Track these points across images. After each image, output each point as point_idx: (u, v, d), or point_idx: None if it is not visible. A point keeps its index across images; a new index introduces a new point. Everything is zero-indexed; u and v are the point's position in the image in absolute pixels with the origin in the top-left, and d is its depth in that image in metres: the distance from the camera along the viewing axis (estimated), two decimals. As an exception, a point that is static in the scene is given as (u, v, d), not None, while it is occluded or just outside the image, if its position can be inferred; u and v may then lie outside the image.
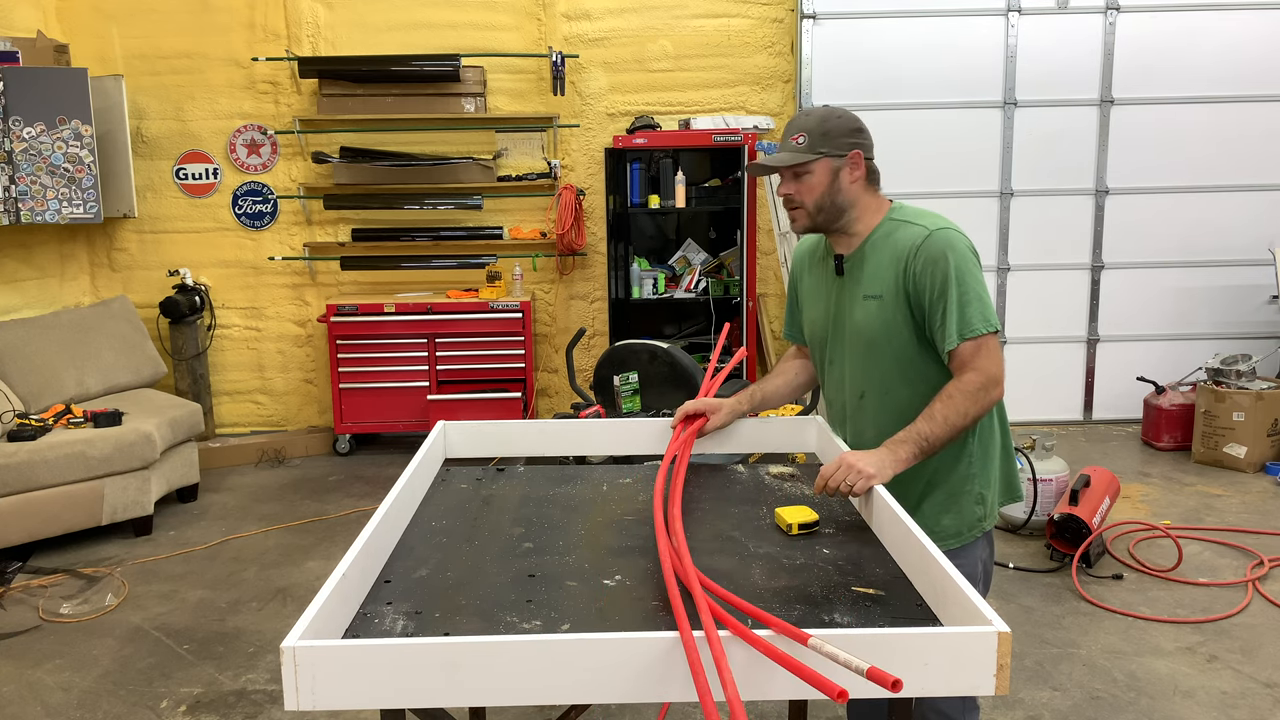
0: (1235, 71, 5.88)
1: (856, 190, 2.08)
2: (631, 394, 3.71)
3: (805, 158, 2.03)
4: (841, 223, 2.10)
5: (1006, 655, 1.32)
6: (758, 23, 5.99)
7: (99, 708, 3.10)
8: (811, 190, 2.06)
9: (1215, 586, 3.83)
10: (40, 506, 4.33)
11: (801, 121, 2.07)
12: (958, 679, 1.34)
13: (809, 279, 2.27)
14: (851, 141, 2.06)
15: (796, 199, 2.08)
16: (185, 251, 6.13)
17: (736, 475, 2.27)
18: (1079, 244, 6.09)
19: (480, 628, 1.53)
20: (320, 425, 6.27)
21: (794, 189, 2.07)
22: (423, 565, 1.78)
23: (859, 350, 2.10)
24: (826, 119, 2.06)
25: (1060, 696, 3.05)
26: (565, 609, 1.59)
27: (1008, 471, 2.16)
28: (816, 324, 2.22)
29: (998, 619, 1.36)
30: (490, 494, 2.19)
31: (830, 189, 2.06)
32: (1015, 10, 5.84)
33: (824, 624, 1.52)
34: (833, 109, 2.11)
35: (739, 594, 1.62)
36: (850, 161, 2.06)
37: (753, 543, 1.85)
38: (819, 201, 2.07)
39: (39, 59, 5.20)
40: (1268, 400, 5.19)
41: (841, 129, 2.06)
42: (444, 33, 5.96)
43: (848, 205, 2.08)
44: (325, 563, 4.26)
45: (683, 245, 6.13)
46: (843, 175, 2.06)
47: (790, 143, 2.07)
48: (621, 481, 2.26)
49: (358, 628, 1.53)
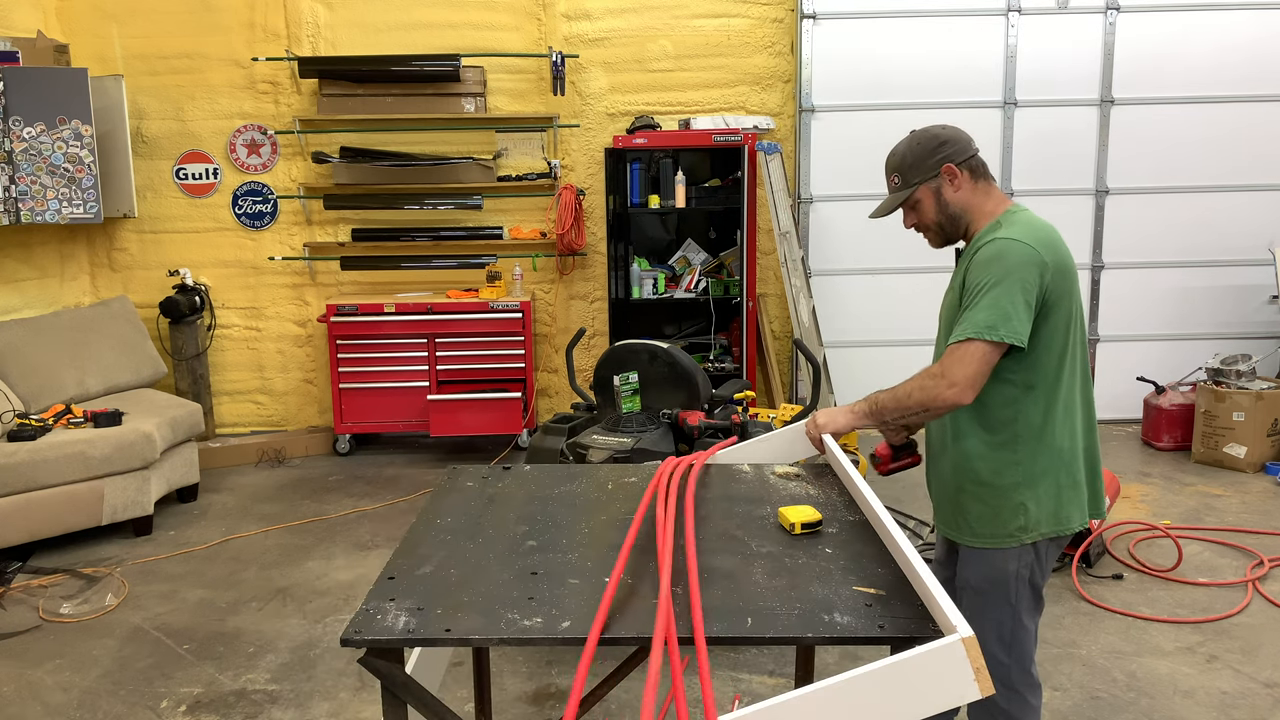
0: (1235, 71, 5.88)
1: (964, 196, 2.20)
2: (631, 394, 3.70)
3: (904, 195, 2.22)
4: (963, 227, 2.23)
5: (979, 659, 1.32)
6: (758, 23, 5.99)
7: (99, 708, 3.10)
8: (926, 214, 2.22)
9: (1215, 586, 3.83)
10: (40, 506, 4.33)
11: (891, 162, 2.26)
12: (942, 694, 1.33)
13: None
14: (937, 160, 2.18)
15: (921, 225, 2.26)
16: (185, 251, 6.13)
17: (742, 475, 2.28)
18: (1079, 244, 6.09)
19: (481, 624, 1.53)
20: (320, 425, 6.27)
21: (913, 219, 2.26)
22: (427, 562, 1.79)
23: (940, 338, 2.26)
24: (907, 153, 2.22)
25: (1060, 696, 3.05)
26: (566, 606, 1.60)
27: (1059, 499, 2.13)
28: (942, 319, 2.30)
29: (963, 624, 1.35)
30: (495, 492, 2.19)
31: (939, 207, 2.21)
32: (1015, 10, 5.84)
33: (823, 623, 1.52)
34: (914, 136, 2.24)
35: (739, 594, 1.62)
36: (946, 176, 2.18)
37: (755, 541, 1.86)
38: (937, 220, 2.22)
39: (39, 59, 5.20)
40: (1268, 400, 5.19)
41: (923, 153, 2.20)
42: (444, 33, 5.96)
43: (961, 213, 2.21)
44: (325, 563, 4.26)
45: (683, 245, 6.13)
46: (944, 191, 2.20)
47: (891, 184, 2.25)
48: (626, 480, 2.27)
49: (360, 624, 1.54)
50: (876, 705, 1.32)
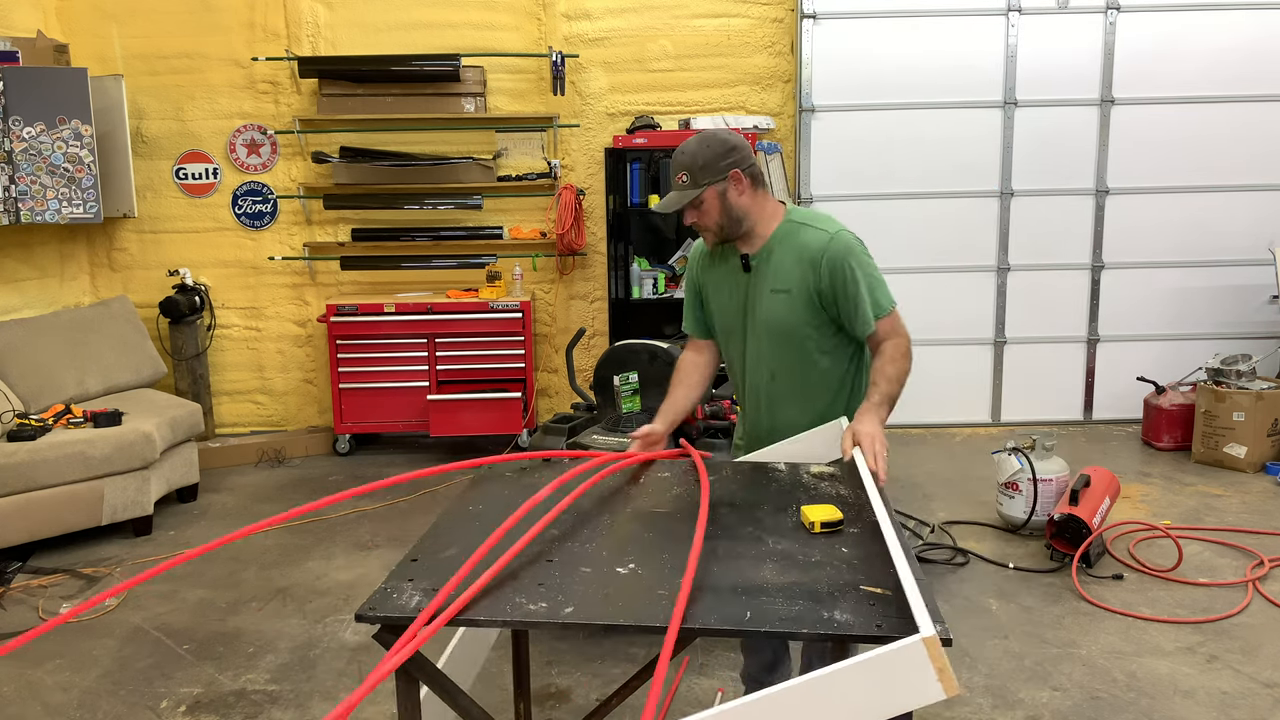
0: (1235, 71, 5.88)
1: (746, 202, 2.40)
2: (631, 394, 3.71)
3: (692, 195, 2.36)
4: (743, 230, 2.43)
5: (941, 658, 1.32)
6: (758, 23, 5.99)
7: (99, 708, 3.10)
8: (709, 214, 2.40)
9: (1215, 586, 3.83)
10: (40, 506, 4.33)
11: (681, 161, 2.38)
12: (906, 695, 1.33)
13: (712, 276, 2.58)
14: (727, 164, 2.36)
15: (701, 224, 2.42)
16: (185, 251, 6.13)
17: (775, 473, 2.29)
18: (1079, 244, 6.09)
19: (488, 606, 1.60)
20: (320, 425, 6.27)
21: (695, 217, 2.42)
22: (451, 546, 1.86)
23: (769, 337, 2.46)
24: (698, 153, 2.36)
25: (1060, 696, 3.05)
26: (572, 593, 1.64)
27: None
28: (727, 315, 2.55)
29: (927, 624, 1.35)
30: (532, 483, 2.24)
31: (723, 209, 2.39)
32: (1015, 10, 5.84)
33: (821, 620, 1.53)
34: (704, 138, 2.39)
35: (744, 588, 1.64)
36: (732, 181, 2.37)
37: (773, 539, 1.88)
38: (719, 221, 2.40)
39: (39, 59, 5.20)
40: (1268, 400, 5.19)
41: (712, 156, 2.35)
42: (444, 32, 5.96)
43: (743, 215, 2.41)
44: (325, 562, 4.26)
45: (683, 245, 6.12)
46: (730, 194, 2.38)
47: (677, 183, 2.38)
48: (659, 475, 2.29)
49: (376, 601, 1.62)
50: (839, 707, 1.33)
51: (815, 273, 2.37)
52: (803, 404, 2.48)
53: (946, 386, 6.16)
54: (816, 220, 2.43)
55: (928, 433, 6.11)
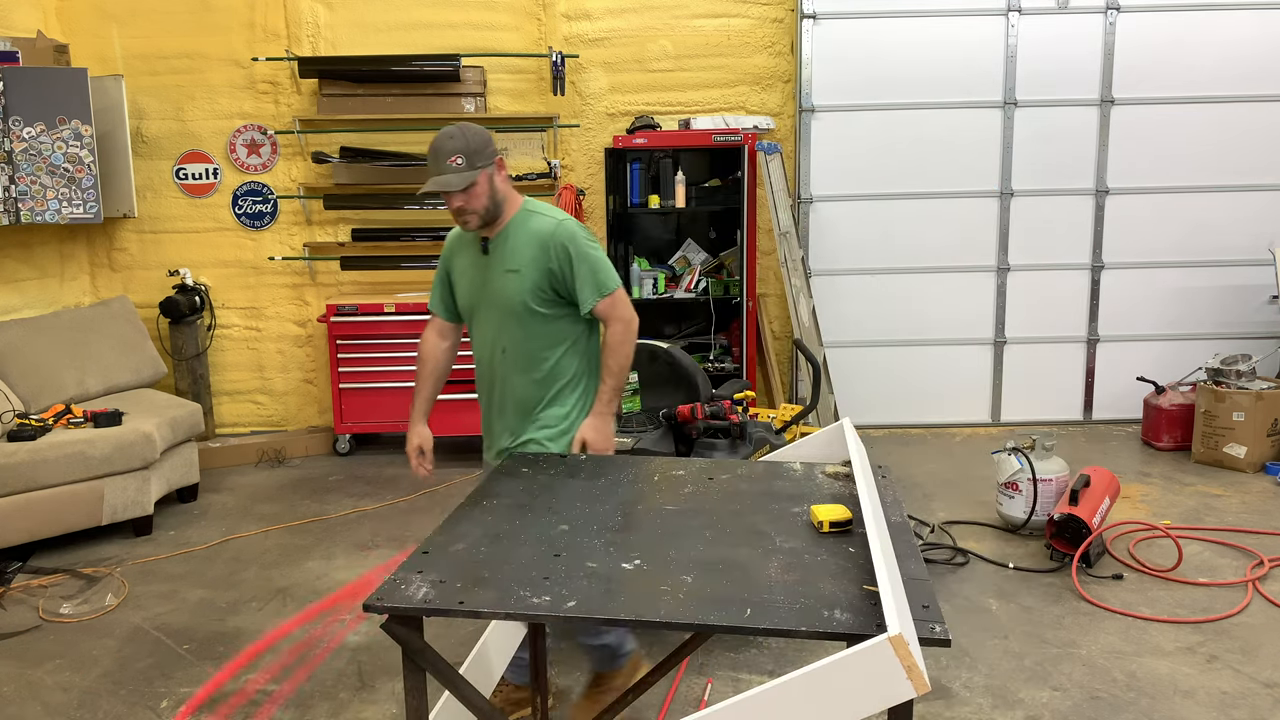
0: (1235, 71, 5.88)
1: (504, 187, 2.61)
2: (631, 394, 3.71)
3: (471, 176, 2.48)
4: (497, 214, 2.60)
5: (909, 656, 1.32)
6: (758, 23, 5.99)
7: (99, 708, 3.10)
8: (479, 198, 2.52)
9: (1215, 586, 3.83)
10: (40, 506, 4.33)
11: (451, 145, 2.47)
12: (877, 694, 1.34)
13: (460, 260, 2.75)
14: (492, 150, 2.53)
15: (468, 208, 2.53)
16: (185, 251, 6.13)
17: (790, 472, 2.29)
18: (1079, 244, 6.09)
19: (493, 599, 1.62)
20: (320, 425, 6.27)
21: (464, 200, 2.51)
22: (462, 539, 1.89)
23: (500, 313, 2.64)
24: (470, 138, 2.49)
25: (1060, 696, 3.05)
26: (576, 587, 1.66)
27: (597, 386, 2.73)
28: (468, 294, 2.72)
29: (894, 624, 1.35)
30: (550, 479, 2.27)
31: (491, 193, 2.55)
32: (1015, 10, 5.84)
33: (821, 619, 1.54)
34: (466, 127, 2.53)
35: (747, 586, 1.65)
36: (498, 166, 2.56)
37: (780, 537, 1.88)
38: (486, 205, 2.55)
39: (39, 59, 5.20)
40: (1268, 400, 5.19)
41: (481, 143, 2.51)
42: (444, 33, 5.96)
43: (502, 200, 2.60)
44: (325, 562, 4.26)
45: (683, 245, 6.13)
46: (496, 180, 2.56)
47: (450, 165, 2.46)
48: (674, 474, 2.30)
49: (385, 592, 1.65)
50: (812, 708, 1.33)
51: (546, 254, 2.57)
52: (527, 374, 2.66)
53: (946, 386, 6.17)
54: (547, 210, 2.66)
55: (928, 433, 6.12)
